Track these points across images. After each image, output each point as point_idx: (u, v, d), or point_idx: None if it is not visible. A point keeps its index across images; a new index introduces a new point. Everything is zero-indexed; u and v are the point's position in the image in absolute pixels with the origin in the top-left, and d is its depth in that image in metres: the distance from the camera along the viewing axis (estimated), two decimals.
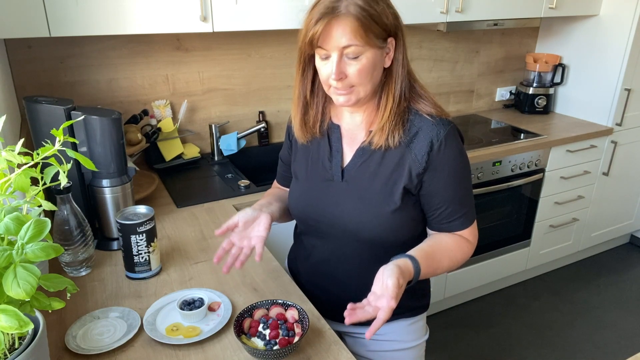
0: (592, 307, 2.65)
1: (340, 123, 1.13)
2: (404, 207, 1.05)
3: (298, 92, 1.09)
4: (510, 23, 2.40)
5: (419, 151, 1.03)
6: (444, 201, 1.06)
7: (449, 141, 1.03)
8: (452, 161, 1.04)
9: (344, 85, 0.98)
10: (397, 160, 1.05)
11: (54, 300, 0.75)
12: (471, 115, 2.87)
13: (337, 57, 0.96)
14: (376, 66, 0.99)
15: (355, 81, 0.98)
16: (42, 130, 1.31)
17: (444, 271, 1.09)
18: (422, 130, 1.03)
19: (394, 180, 1.05)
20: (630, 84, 2.60)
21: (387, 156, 1.06)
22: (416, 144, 1.03)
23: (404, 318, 1.22)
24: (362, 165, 1.08)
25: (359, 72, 0.97)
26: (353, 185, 1.09)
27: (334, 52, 0.96)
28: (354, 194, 1.08)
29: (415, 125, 1.04)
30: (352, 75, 0.97)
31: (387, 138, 1.03)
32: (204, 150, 2.17)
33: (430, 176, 1.04)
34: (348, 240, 1.11)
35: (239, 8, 1.70)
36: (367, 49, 0.95)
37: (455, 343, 2.38)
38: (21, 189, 0.76)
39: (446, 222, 1.08)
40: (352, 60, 0.96)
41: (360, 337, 1.25)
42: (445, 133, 1.02)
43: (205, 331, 1.04)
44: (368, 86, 1.00)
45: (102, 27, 1.52)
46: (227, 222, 1.12)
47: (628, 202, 3.01)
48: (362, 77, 0.98)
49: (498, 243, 2.55)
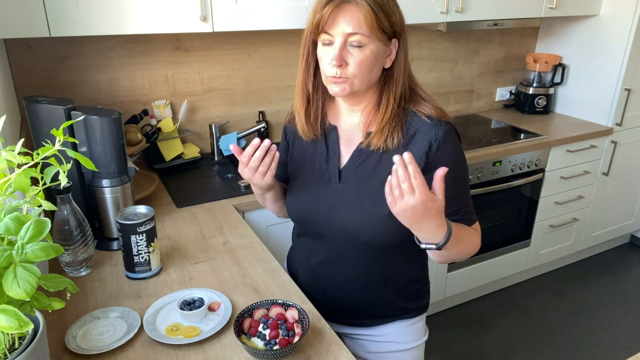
0: (592, 307, 2.65)
1: (338, 124, 1.13)
2: None
3: (301, 85, 1.09)
4: (510, 23, 2.40)
5: (417, 152, 1.02)
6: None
7: (448, 142, 1.02)
8: (451, 162, 1.02)
9: (341, 74, 0.97)
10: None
11: (54, 300, 0.75)
12: (471, 115, 2.87)
13: (341, 43, 0.95)
14: (377, 61, 0.99)
15: (354, 71, 0.97)
16: (42, 130, 1.31)
17: (463, 252, 1.02)
18: (420, 131, 1.03)
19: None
20: (630, 84, 2.60)
21: (384, 158, 1.05)
22: (414, 145, 1.03)
23: (403, 319, 1.22)
24: (360, 167, 1.08)
25: (360, 62, 0.96)
26: (350, 187, 1.08)
27: (338, 37, 0.95)
28: (351, 195, 1.08)
29: (413, 126, 1.04)
30: (352, 64, 0.97)
31: (386, 140, 1.03)
32: (204, 150, 2.17)
33: (429, 177, 1.02)
34: (346, 241, 1.11)
35: (239, 8, 1.70)
36: (371, 40, 0.95)
37: (455, 343, 2.38)
38: (21, 189, 0.76)
39: None
40: (355, 49, 0.96)
41: (360, 338, 1.25)
42: (443, 134, 1.02)
43: (205, 331, 1.04)
44: (365, 80, 0.99)
45: (102, 27, 1.52)
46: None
47: (628, 202, 3.01)
48: (362, 69, 0.97)
49: (498, 243, 2.55)
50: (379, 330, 1.22)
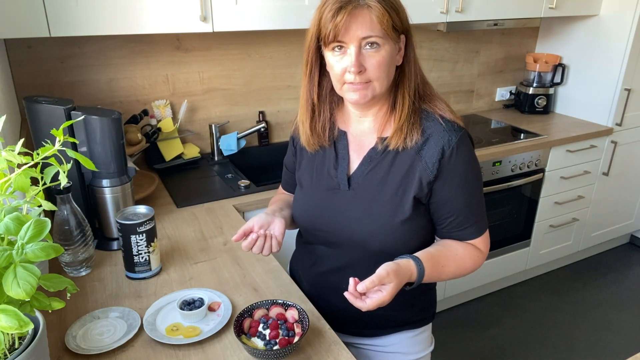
0: (592, 307, 2.65)
1: (348, 129, 1.10)
2: (414, 216, 1.02)
3: (306, 96, 1.06)
4: (510, 23, 2.40)
5: (430, 159, 1.00)
6: (455, 210, 1.03)
7: (461, 148, 1.00)
8: (464, 169, 1.01)
9: (360, 80, 0.95)
10: (407, 167, 1.02)
11: (54, 300, 0.75)
12: (471, 115, 2.87)
13: (356, 49, 0.92)
14: (393, 60, 0.97)
15: (373, 75, 0.95)
16: (42, 130, 1.31)
17: (451, 277, 1.06)
18: (433, 136, 1.00)
19: (403, 189, 1.02)
20: (630, 84, 2.60)
21: (396, 163, 1.02)
22: (427, 150, 1.00)
23: (408, 329, 1.19)
24: (370, 173, 1.05)
25: (378, 64, 0.94)
26: (360, 194, 1.05)
27: (352, 43, 0.92)
28: (361, 203, 1.05)
29: (427, 129, 1.01)
30: (370, 68, 0.94)
31: (406, 138, 1.00)
32: (204, 150, 2.17)
33: (441, 184, 1.01)
34: (355, 250, 1.08)
35: (239, 8, 1.70)
36: (386, 40, 0.93)
37: (455, 343, 2.38)
38: (21, 189, 0.76)
39: (456, 231, 1.05)
40: (371, 52, 0.93)
41: (364, 348, 1.22)
42: (457, 140, 0.99)
43: (205, 331, 1.04)
44: (384, 82, 0.97)
45: (102, 27, 1.52)
46: (242, 227, 1.07)
47: (628, 202, 3.01)
48: (381, 71, 0.94)
49: (498, 243, 2.55)
50: (383, 340, 1.19)
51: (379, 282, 0.90)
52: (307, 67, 1.03)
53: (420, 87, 1.03)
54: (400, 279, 0.93)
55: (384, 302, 0.91)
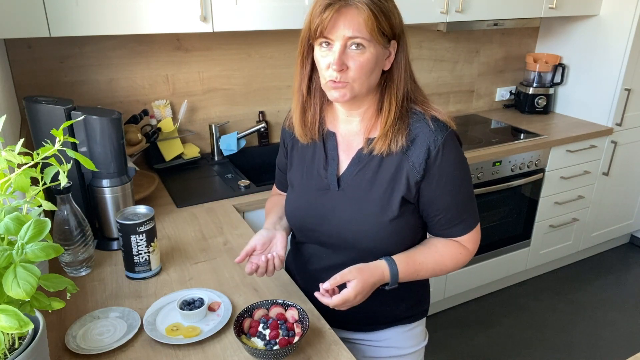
0: (592, 307, 2.65)
1: (336, 130, 1.11)
2: (402, 215, 1.04)
3: (297, 85, 1.07)
4: (510, 23, 2.40)
5: (417, 159, 1.01)
6: (442, 208, 1.05)
7: (447, 148, 1.01)
8: (450, 168, 1.02)
9: (341, 78, 0.96)
10: (395, 168, 1.03)
11: (54, 300, 0.75)
12: (471, 115, 2.87)
13: (341, 47, 0.93)
14: (377, 65, 0.97)
15: (354, 75, 0.95)
16: (42, 130, 1.31)
17: (429, 275, 1.09)
18: (420, 137, 1.01)
19: (391, 189, 1.03)
20: (630, 84, 2.60)
21: (384, 164, 1.04)
22: (413, 151, 1.01)
23: (402, 324, 1.21)
24: (359, 174, 1.06)
25: (360, 65, 0.94)
26: (350, 194, 1.07)
27: (338, 41, 0.93)
28: (350, 203, 1.07)
29: (414, 130, 1.02)
30: (352, 68, 0.95)
31: (390, 144, 1.01)
32: (204, 150, 2.17)
33: (428, 184, 1.02)
34: (346, 249, 1.09)
35: (239, 8, 1.70)
36: (372, 44, 0.94)
37: (455, 343, 2.38)
38: (21, 189, 0.76)
39: (445, 229, 1.08)
40: (356, 52, 0.94)
41: (358, 343, 1.23)
42: (443, 139, 1.00)
43: (205, 331, 1.04)
44: (365, 84, 0.97)
45: (102, 27, 1.52)
46: (245, 248, 1.10)
47: (628, 202, 3.01)
48: (362, 72, 0.95)
49: (498, 243, 2.55)
50: (377, 335, 1.21)
51: (342, 280, 0.98)
52: (299, 58, 1.04)
53: (411, 93, 1.04)
54: (364, 275, 0.99)
55: (349, 298, 0.97)
